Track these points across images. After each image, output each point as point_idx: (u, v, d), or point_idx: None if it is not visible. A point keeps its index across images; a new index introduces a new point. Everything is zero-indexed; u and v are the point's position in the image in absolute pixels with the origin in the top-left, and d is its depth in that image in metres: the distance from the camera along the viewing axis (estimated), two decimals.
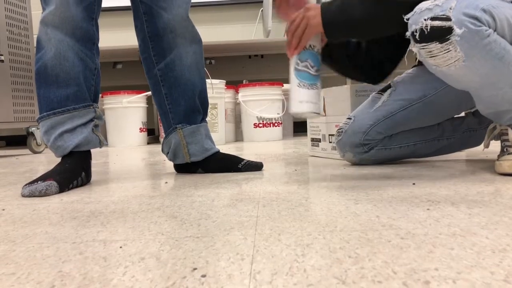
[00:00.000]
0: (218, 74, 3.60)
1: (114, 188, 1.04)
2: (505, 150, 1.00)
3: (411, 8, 0.92)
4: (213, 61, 3.48)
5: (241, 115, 3.02)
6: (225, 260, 0.48)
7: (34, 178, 1.03)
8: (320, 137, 1.61)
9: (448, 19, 0.85)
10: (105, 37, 1.15)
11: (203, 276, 0.43)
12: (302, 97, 0.99)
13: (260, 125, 2.92)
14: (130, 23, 1.26)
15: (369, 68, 1.25)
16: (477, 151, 1.53)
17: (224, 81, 2.84)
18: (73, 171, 1.06)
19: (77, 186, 1.06)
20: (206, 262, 0.47)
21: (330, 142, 1.54)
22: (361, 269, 0.43)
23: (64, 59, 1.06)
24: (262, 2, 3.46)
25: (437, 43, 0.88)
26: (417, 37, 0.90)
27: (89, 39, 1.10)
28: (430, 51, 0.90)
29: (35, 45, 2.59)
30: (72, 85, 1.07)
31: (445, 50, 0.88)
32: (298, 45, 1.01)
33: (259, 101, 2.89)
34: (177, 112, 1.22)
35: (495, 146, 1.11)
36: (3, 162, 2.01)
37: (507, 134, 1.02)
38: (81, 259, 0.50)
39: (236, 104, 3.12)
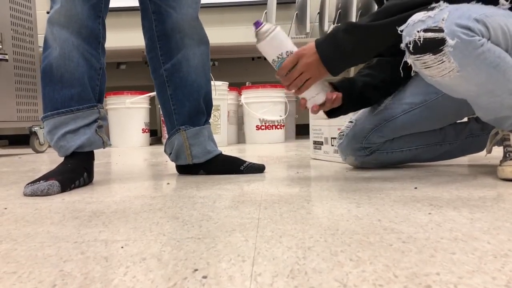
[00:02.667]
0: (221, 76, 3.60)
1: (116, 188, 1.04)
2: (507, 155, 1.00)
3: (402, 23, 0.92)
4: (216, 63, 3.48)
5: (244, 117, 3.02)
6: (226, 262, 0.48)
7: (37, 177, 1.04)
8: (322, 140, 1.61)
9: (440, 30, 0.85)
10: (109, 37, 1.15)
11: (204, 277, 0.43)
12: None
13: (263, 127, 2.92)
14: (134, 24, 1.27)
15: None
16: (479, 156, 1.53)
17: (227, 83, 2.84)
18: (75, 171, 1.06)
19: (79, 186, 1.06)
20: (207, 263, 0.47)
21: (332, 145, 1.54)
22: (362, 272, 0.43)
23: (69, 59, 1.06)
24: (266, 4, 3.46)
25: (431, 54, 0.88)
26: (411, 48, 0.90)
27: (95, 38, 1.10)
28: (424, 62, 0.90)
29: (39, 44, 2.61)
30: (76, 85, 1.07)
31: (439, 61, 0.88)
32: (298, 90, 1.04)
33: (262, 103, 2.89)
34: (181, 113, 1.22)
35: (498, 151, 1.10)
36: (6, 161, 2.02)
37: (509, 139, 1.01)
38: (82, 259, 0.50)
39: (239, 106, 3.12)
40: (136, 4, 1.22)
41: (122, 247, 0.54)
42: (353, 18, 3.14)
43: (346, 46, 0.98)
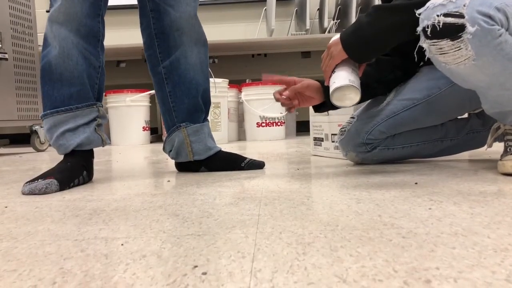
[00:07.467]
0: (221, 73, 3.60)
1: (117, 186, 1.04)
2: (508, 150, 1.00)
3: (421, 6, 0.92)
4: (216, 60, 3.48)
5: (244, 114, 3.02)
6: (226, 258, 0.48)
7: (36, 176, 1.04)
8: (322, 136, 1.61)
9: (461, 16, 0.84)
10: (108, 35, 1.15)
11: (204, 273, 0.43)
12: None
13: (263, 124, 2.92)
14: (134, 22, 1.27)
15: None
16: (480, 151, 1.53)
17: (227, 80, 2.84)
18: (74, 170, 1.06)
19: (78, 185, 1.06)
20: (207, 260, 0.47)
21: (333, 142, 1.54)
22: (362, 267, 0.43)
23: (68, 58, 1.06)
24: (265, 1, 3.45)
25: (449, 40, 0.86)
26: (428, 33, 0.88)
27: (94, 36, 1.10)
28: (440, 48, 0.89)
29: (39, 43, 2.61)
30: (76, 84, 1.08)
31: (456, 47, 0.87)
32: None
33: (262, 100, 2.88)
34: (180, 110, 1.22)
35: (498, 146, 1.10)
36: (7, 160, 2.02)
37: (511, 134, 1.01)
38: (82, 256, 0.50)
39: (239, 103, 3.12)
40: (136, 2, 1.22)
41: (122, 245, 0.54)
42: (353, 15, 3.13)
43: (366, 28, 0.98)
